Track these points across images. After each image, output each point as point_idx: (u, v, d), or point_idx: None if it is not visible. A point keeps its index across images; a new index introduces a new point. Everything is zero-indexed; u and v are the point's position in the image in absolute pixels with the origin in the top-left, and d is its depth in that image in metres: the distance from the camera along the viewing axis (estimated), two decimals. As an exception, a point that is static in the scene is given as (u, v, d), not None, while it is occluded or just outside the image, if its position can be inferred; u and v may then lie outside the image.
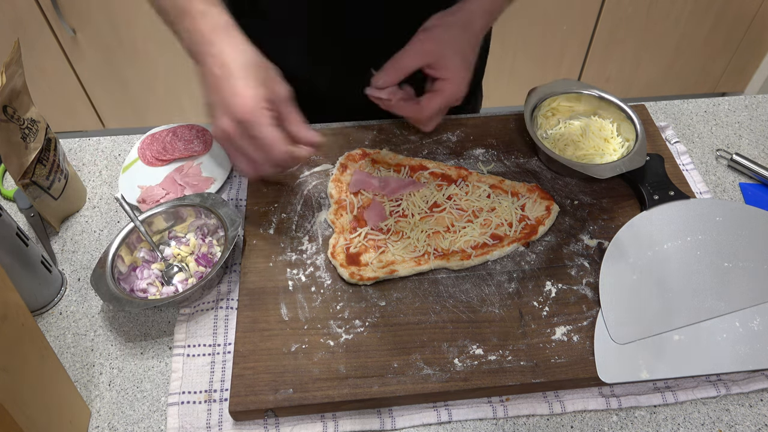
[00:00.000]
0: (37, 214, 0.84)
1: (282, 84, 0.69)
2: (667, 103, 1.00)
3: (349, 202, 0.81)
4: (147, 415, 0.67)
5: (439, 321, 0.70)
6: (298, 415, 0.66)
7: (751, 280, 0.72)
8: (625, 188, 0.84)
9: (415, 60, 0.77)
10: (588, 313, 0.71)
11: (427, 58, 0.77)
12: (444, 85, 0.78)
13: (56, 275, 0.77)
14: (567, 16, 2.04)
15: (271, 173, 0.70)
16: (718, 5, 2.06)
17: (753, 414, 0.66)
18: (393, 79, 0.78)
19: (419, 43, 0.77)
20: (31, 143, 0.76)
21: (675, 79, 2.30)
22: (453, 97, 0.79)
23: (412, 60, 0.77)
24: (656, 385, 0.68)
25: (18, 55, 0.74)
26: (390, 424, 0.65)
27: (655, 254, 0.74)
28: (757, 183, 0.88)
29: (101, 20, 1.94)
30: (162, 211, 0.79)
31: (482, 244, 0.76)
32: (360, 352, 0.67)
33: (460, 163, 0.87)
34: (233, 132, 0.65)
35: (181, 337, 0.71)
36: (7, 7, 1.88)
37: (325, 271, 0.75)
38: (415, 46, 0.77)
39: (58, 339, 0.73)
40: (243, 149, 0.66)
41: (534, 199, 0.81)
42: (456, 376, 0.65)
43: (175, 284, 0.75)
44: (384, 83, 0.78)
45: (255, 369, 0.66)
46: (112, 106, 2.22)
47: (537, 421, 0.66)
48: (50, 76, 2.09)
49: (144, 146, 0.91)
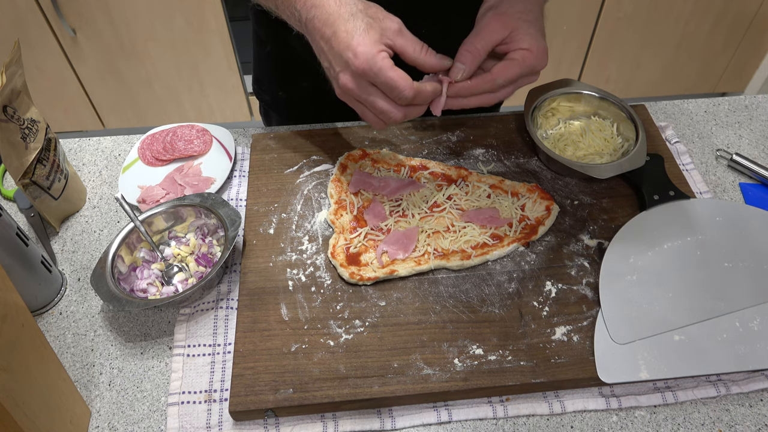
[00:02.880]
0: (37, 214, 0.84)
1: (390, 18, 0.65)
2: (667, 103, 1.00)
3: (349, 202, 0.81)
4: (147, 415, 0.67)
5: (439, 321, 0.70)
6: (298, 415, 0.66)
7: (751, 280, 0.72)
8: (625, 188, 0.84)
9: (488, 39, 0.69)
10: (588, 313, 0.71)
11: (500, 33, 0.69)
12: (522, 54, 0.69)
13: (56, 275, 0.77)
14: (567, 16, 2.04)
15: (402, 118, 0.67)
16: (718, 5, 2.06)
17: (753, 414, 0.66)
18: (471, 66, 0.69)
19: (487, 23, 0.69)
20: (31, 143, 0.76)
21: (675, 79, 2.30)
22: (531, 67, 0.70)
23: (485, 40, 0.69)
24: (656, 385, 0.67)
25: (18, 55, 0.74)
26: (390, 424, 0.65)
27: (655, 254, 0.74)
28: (757, 183, 0.88)
29: (101, 20, 1.94)
30: (162, 211, 0.79)
31: (482, 244, 0.76)
32: (360, 352, 0.67)
33: (460, 163, 0.87)
34: (355, 87, 0.64)
35: (181, 337, 0.71)
36: (7, 7, 1.88)
37: (325, 271, 0.75)
38: (484, 26, 0.69)
39: (58, 339, 0.73)
40: (369, 101, 0.65)
41: (534, 199, 0.81)
42: (456, 376, 0.65)
43: (175, 284, 0.75)
44: (465, 73, 0.69)
45: (255, 369, 0.66)
46: (112, 106, 2.22)
47: (537, 421, 0.66)
48: (50, 76, 2.09)
49: (144, 146, 0.91)
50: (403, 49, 0.66)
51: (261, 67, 1.04)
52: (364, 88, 0.65)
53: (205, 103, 2.25)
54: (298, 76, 0.98)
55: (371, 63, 0.62)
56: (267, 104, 1.11)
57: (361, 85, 0.64)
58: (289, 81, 0.76)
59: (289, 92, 1.03)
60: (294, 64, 0.96)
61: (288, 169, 0.86)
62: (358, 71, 0.63)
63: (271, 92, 1.06)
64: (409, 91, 0.64)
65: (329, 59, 0.66)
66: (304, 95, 0.75)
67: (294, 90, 0.91)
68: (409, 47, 0.65)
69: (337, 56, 0.64)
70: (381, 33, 0.64)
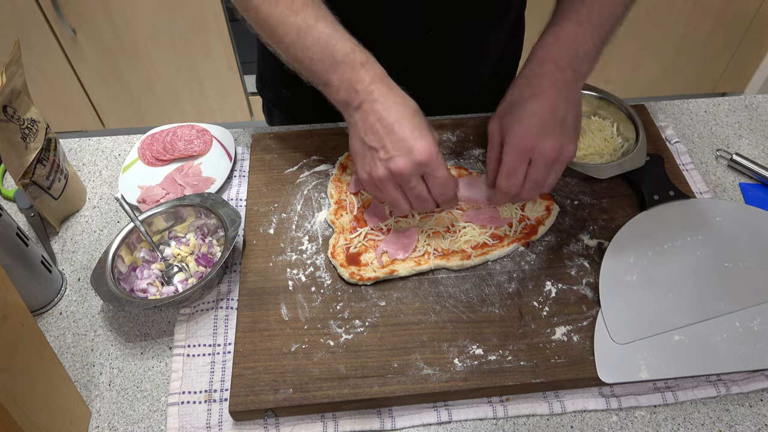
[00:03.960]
0: (37, 214, 0.84)
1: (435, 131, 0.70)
2: (667, 103, 1.00)
3: (349, 202, 0.81)
4: (147, 415, 0.67)
5: (439, 321, 0.70)
6: (298, 415, 0.66)
7: (751, 280, 0.72)
8: (625, 188, 0.84)
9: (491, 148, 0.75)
10: (588, 313, 0.71)
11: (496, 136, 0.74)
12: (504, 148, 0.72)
13: (56, 275, 0.77)
14: (567, 16, 2.04)
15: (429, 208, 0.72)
16: (718, 5, 2.06)
17: (753, 414, 0.66)
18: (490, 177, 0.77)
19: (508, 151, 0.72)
20: (31, 143, 0.76)
21: (675, 79, 2.30)
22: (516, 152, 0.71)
23: (489, 150, 0.76)
24: (656, 385, 0.67)
25: (18, 55, 0.74)
26: (390, 424, 0.65)
27: (655, 254, 0.74)
28: (757, 183, 0.87)
29: (101, 20, 1.94)
30: (162, 211, 0.79)
31: (482, 244, 0.76)
32: (360, 352, 0.67)
33: (460, 163, 0.87)
34: (409, 172, 0.66)
35: (181, 337, 0.71)
36: (7, 7, 1.88)
37: (325, 271, 0.75)
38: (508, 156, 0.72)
39: (58, 339, 0.73)
40: (415, 188, 0.68)
41: (534, 199, 0.81)
42: (456, 376, 0.65)
43: (175, 284, 0.75)
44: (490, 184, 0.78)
45: (255, 369, 0.66)
46: (112, 106, 2.22)
47: (537, 421, 0.66)
48: (50, 76, 2.09)
49: (144, 146, 0.91)
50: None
51: (265, 64, 1.04)
52: (415, 177, 0.67)
53: (205, 103, 2.25)
54: None
55: (435, 156, 0.66)
56: (270, 102, 1.11)
57: (413, 173, 0.67)
58: (293, 79, 0.77)
59: (293, 91, 1.03)
60: None
61: (288, 169, 0.86)
62: (422, 161, 0.66)
63: (275, 90, 1.06)
64: (455, 191, 0.70)
65: (384, 143, 0.67)
66: (308, 94, 0.76)
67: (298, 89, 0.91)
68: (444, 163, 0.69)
69: (399, 142, 0.66)
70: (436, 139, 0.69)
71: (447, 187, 0.68)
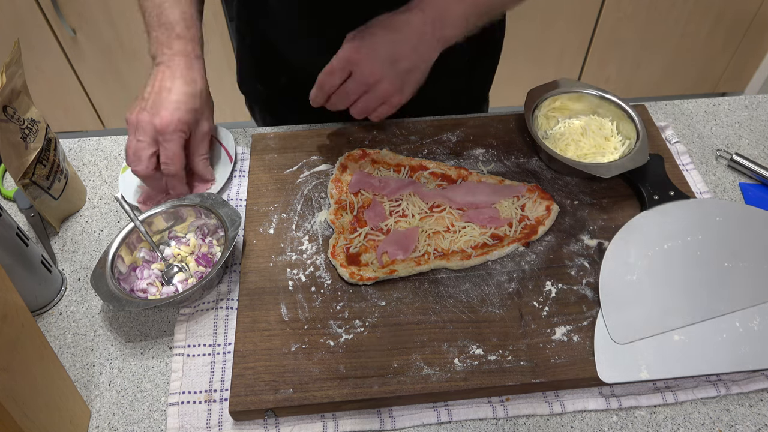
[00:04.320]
0: (37, 214, 0.84)
1: (209, 121, 0.83)
2: (667, 103, 1.00)
3: (349, 202, 0.81)
4: (147, 415, 0.67)
5: (439, 321, 0.70)
6: (298, 415, 0.66)
7: (751, 280, 0.72)
8: (625, 188, 0.84)
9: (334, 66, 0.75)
10: (588, 313, 0.71)
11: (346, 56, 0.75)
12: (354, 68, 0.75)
13: (56, 275, 0.77)
14: (567, 16, 2.04)
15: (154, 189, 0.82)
16: (718, 5, 2.06)
17: (753, 414, 0.66)
18: (321, 98, 0.78)
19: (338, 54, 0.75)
20: (31, 143, 0.76)
21: (675, 79, 2.30)
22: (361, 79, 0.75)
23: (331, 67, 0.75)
24: (656, 385, 0.67)
25: (18, 55, 0.74)
26: (390, 424, 0.65)
27: (655, 254, 0.74)
28: (757, 183, 0.88)
29: (101, 20, 1.94)
30: (162, 211, 0.79)
31: (482, 244, 0.76)
32: (360, 352, 0.67)
33: (460, 163, 0.87)
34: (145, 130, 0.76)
35: (181, 337, 0.71)
36: (7, 7, 1.88)
37: (325, 271, 0.75)
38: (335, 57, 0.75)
39: (58, 339, 0.73)
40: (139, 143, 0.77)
41: (534, 199, 0.81)
42: (456, 376, 0.65)
43: (175, 284, 0.75)
44: (317, 103, 0.79)
45: (255, 369, 0.66)
46: (112, 106, 2.22)
47: (537, 421, 0.66)
48: (50, 76, 2.09)
49: (144, 146, 0.91)
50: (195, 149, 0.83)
51: (242, 62, 1.05)
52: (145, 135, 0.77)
53: (205, 103, 2.24)
54: (277, 70, 0.99)
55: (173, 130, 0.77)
56: (249, 98, 1.12)
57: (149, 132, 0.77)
58: (268, 75, 0.79)
59: (269, 87, 1.04)
60: (273, 59, 0.97)
61: (288, 169, 0.86)
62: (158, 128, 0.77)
63: (252, 86, 1.07)
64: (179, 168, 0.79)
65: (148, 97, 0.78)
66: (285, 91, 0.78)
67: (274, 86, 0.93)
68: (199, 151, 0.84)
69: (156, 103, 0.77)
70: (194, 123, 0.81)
71: (173, 161, 0.77)
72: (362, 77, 0.75)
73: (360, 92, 0.77)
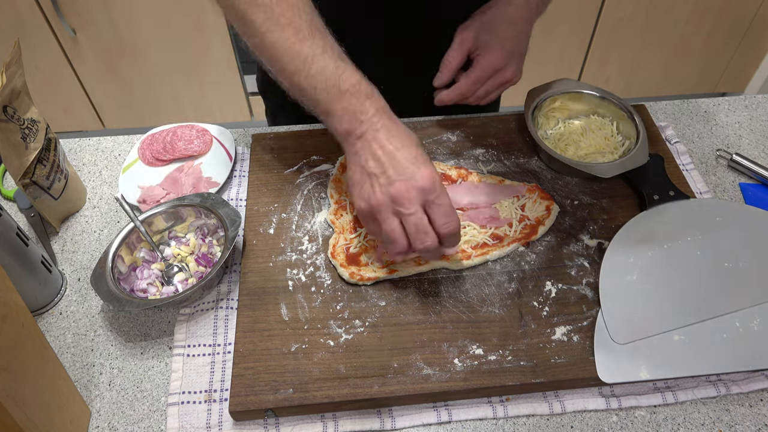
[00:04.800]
0: (37, 214, 0.84)
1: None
2: (667, 103, 1.00)
3: (349, 202, 0.81)
4: (147, 415, 0.67)
5: (439, 321, 0.70)
6: (298, 415, 0.66)
7: (751, 280, 0.72)
8: (625, 188, 0.84)
9: (458, 52, 0.83)
10: (588, 313, 0.71)
11: (467, 45, 0.83)
12: (479, 58, 0.83)
13: (56, 275, 0.77)
14: (567, 16, 2.04)
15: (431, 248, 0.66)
16: (718, 5, 2.06)
17: (753, 414, 0.66)
18: (445, 77, 0.85)
19: (457, 37, 0.83)
20: (31, 143, 0.76)
21: (675, 79, 2.30)
22: (490, 66, 0.82)
23: (455, 53, 0.83)
24: (656, 385, 0.68)
25: (18, 55, 0.74)
26: (390, 424, 0.65)
27: (655, 254, 0.74)
28: (757, 183, 0.87)
29: (101, 20, 1.94)
30: (162, 211, 0.79)
31: (482, 244, 0.76)
32: (360, 352, 0.67)
33: (460, 163, 0.87)
34: (411, 197, 0.64)
35: (181, 337, 0.71)
36: (7, 7, 1.88)
37: (325, 271, 0.75)
38: (455, 41, 0.83)
39: (58, 339, 0.73)
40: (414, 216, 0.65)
41: (534, 199, 0.81)
42: (456, 376, 0.65)
43: (175, 284, 0.75)
44: (440, 82, 0.85)
45: (255, 369, 0.66)
46: (112, 106, 2.22)
47: (537, 421, 0.66)
48: (50, 76, 2.09)
49: (144, 146, 0.91)
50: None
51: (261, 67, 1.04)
52: (416, 204, 0.65)
53: (205, 103, 2.25)
54: None
55: (438, 183, 0.65)
56: (276, 106, 1.10)
57: (415, 199, 0.64)
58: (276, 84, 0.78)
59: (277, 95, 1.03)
60: None
61: (288, 169, 0.86)
62: (425, 187, 0.64)
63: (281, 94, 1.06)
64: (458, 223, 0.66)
65: (385, 168, 0.65)
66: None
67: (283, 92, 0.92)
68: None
69: (402, 167, 0.64)
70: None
71: (451, 217, 0.65)
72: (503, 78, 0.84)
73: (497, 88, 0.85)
